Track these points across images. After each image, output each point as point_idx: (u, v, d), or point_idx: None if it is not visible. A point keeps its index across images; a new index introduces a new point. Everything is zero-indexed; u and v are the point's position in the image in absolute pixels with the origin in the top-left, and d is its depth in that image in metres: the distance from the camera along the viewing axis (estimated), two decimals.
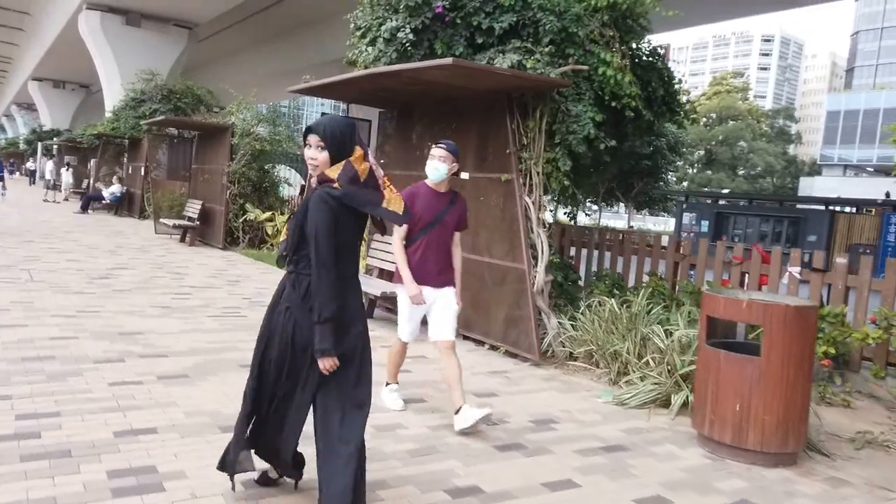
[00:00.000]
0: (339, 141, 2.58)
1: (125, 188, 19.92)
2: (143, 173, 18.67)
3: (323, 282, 2.50)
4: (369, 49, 6.19)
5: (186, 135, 15.60)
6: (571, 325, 5.88)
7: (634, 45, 6.56)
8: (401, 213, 2.65)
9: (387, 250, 7.35)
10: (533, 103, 5.97)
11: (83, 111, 51.29)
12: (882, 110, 58.14)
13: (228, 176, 12.73)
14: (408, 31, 5.98)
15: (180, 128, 15.00)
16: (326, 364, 2.55)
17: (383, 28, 6.12)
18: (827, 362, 5.13)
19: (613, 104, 6.00)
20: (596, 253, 7.90)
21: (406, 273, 4.06)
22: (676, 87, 6.82)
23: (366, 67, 6.26)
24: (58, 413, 3.73)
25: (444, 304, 4.15)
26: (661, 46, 6.76)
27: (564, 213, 12.68)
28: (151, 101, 19.78)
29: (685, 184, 54.40)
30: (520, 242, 5.90)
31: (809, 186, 52.31)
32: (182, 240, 13.70)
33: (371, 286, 6.78)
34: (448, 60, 4.90)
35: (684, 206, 25.55)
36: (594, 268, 7.86)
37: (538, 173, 5.98)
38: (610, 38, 6.15)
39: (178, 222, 13.40)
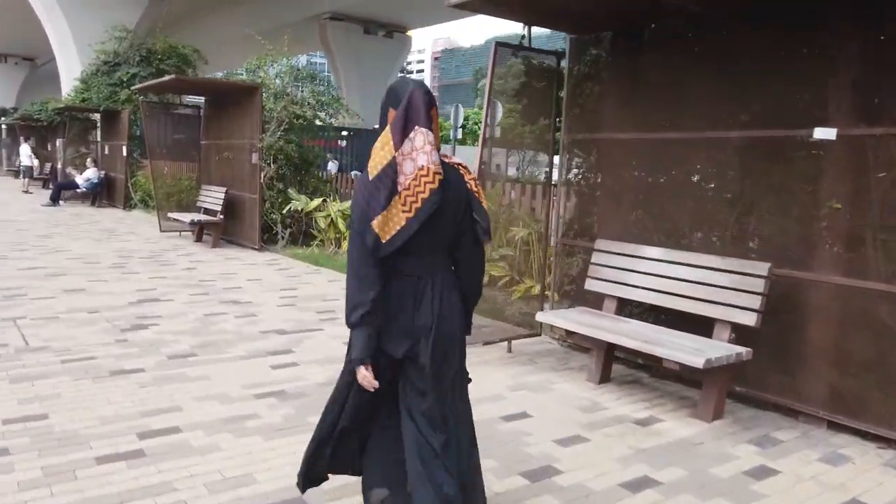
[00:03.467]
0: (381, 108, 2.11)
1: (102, 172, 16.36)
2: (124, 153, 15.17)
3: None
4: None
5: (180, 102, 12.11)
6: None
7: None
8: (383, 240, 1.92)
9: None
10: None
11: (28, 87, 46.50)
12: None
13: (261, 153, 9.49)
14: None
15: (188, 92, 11.51)
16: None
17: None
18: None
19: None
20: None
21: None
22: None
23: None
24: None
25: None
26: None
27: None
28: (128, 63, 16.14)
29: None
30: None
31: None
32: (198, 239, 10.47)
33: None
34: None
35: None
36: None
37: None
38: None
39: (196, 217, 10.13)
